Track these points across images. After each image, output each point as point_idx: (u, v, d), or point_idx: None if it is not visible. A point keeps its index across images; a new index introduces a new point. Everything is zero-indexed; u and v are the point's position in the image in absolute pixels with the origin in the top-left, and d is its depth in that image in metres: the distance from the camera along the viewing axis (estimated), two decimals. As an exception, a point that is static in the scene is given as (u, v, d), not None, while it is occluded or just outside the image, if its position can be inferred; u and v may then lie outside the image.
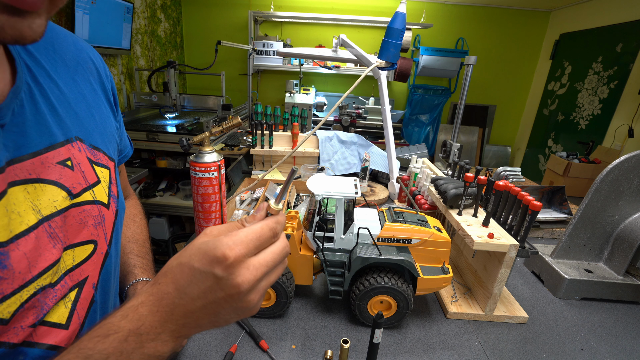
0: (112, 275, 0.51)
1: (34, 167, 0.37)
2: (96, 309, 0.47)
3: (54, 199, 0.39)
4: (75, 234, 0.42)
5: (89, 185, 0.44)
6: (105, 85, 0.54)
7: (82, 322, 0.44)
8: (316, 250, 0.71)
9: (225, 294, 0.33)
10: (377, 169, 1.47)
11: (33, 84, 0.40)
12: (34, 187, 0.37)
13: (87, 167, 0.45)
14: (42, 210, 0.38)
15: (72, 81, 0.46)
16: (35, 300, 0.36)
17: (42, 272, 0.37)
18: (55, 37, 0.46)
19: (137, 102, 2.86)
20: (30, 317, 0.36)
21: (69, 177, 0.41)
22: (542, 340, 0.71)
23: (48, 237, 0.38)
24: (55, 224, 0.39)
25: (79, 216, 0.43)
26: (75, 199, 0.42)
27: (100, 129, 0.50)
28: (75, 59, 0.48)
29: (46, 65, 0.43)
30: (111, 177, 0.50)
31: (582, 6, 3.29)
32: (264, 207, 0.40)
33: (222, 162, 0.74)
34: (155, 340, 0.34)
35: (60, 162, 0.41)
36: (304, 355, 0.63)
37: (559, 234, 1.16)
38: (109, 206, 0.48)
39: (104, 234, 0.47)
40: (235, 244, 0.33)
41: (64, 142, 0.42)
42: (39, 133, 0.39)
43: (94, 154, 0.47)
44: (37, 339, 0.38)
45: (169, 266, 0.35)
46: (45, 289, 0.37)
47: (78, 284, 0.43)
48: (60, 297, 0.40)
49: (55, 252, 0.39)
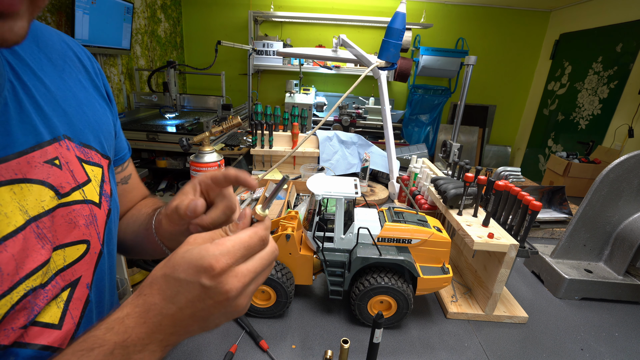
0: (106, 275, 0.50)
1: (19, 167, 0.37)
2: (92, 308, 0.46)
3: (42, 199, 0.39)
4: (65, 234, 0.41)
5: (78, 185, 0.44)
6: (96, 82, 0.52)
7: (77, 322, 0.43)
8: (316, 250, 0.71)
9: (214, 301, 0.33)
10: (377, 169, 1.47)
11: (16, 82, 0.39)
12: (21, 187, 0.37)
13: (76, 165, 0.44)
14: (29, 210, 0.37)
15: (59, 79, 0.45)
16: (25, 302, 0.36)
17: (30, 273, 0.36)
18: (39, 35, 0.45)
19: (137, 102, 2.86)
20: (21, 318, 0.36)
21: (57, 176, 0.41)
22: (542, 340, 0.71)
23: (36, 238, 0.37)
24: (43, 225, 0.38)
25: (68, 216, 0.42)
26: (63, 199, 0.41)
27: (93, 126, 0.48)
28: (61, 56, 0.47)
29: (30, 62, 0.42)
30: (104, 176, 0.49)
31: (582, 6, 3.29)
32: (248, 215, 0.39)
33: (222, 162, 0.74)
34: (142, 351, 0.33)
35: (48, 161, 0.40)
36: (304, 355, 0.63)
37: (559, 234, 1.16)
38: (101, 205, 0.47)
39: (96, 234, 0.46)
40: (222, 254, 0.33)
41: (51, 141, 0.41)
42: (24, 132, 0.38)
43: (84, 152, 0.46)
44: (29, 339, 0.37)
45: (153, 276, 0.35)
46: (36, 289, 0.37)
47: (70, 284, 0.42)
48: (51, 297, 0.40)
49: (44, 253, 0.38)
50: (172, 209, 0.45)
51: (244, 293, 0.35)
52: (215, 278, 0.32)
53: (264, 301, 0.70)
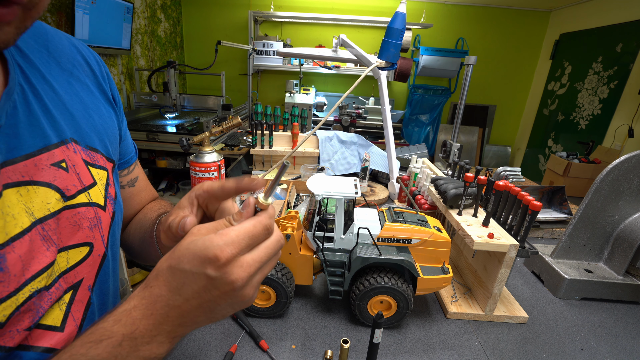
0: (110, 277, 0.51)
1: (27, 169, 0.37)
2: (94, 310, 0.47)
3: (47, 201, 0.39)
4: (69, 236, 0.42)
5: (84, 187, 0.44)
6: (103, 86, 0.53)
7: (79, 325, 0.44)
8: (316, 250, 0.71)
9: (220, 292, 0.33)
10: (377, 169, 1.47)
11: (26, 85, 0.39)
12: (27, 189, 0.37)
13: (83, 168, 0.44)
14: (35, 212, 0.37)
15: (67, 83, 0.46)
16: (31, 303, 0.36)
17: (36, 274, 0.36)
18: (49, 40, 0.46)
19: (137, 102, 2.86)
20: (26, 320, 0.36)
21: (63, 178, 0.41)
22: (542, 340, 0.71)
23: (42, 240, 0.38)
24: (48, 227, 0.39)
25: (73, 218, 0.42)
26: (69, 201, 0.41)
27: (99, 130, 0.49)
28: (70, 60, 0.48)
29: (40, 66, 0.42)
30: (109, 179, 0.49)
31: (582, 6, 3.29)
32: (252, 203, 0.38)
33: (222, 162, 0.74)
34: (150, 343, 0.33)
35: (55, 163, 0.40)
36: (304, 355, 0.63)
37: (559, 234, 1.16)
38: (106, 208, 0.48)
39: (100, 236, 0.46)
40: (226, 244, 0.32)
41: (59, 144, 0.41)
42: (32, 135, 0.38)
43: (90, 155, 0.46)
44: (33, 342, 0.38)
45: (159, 268, 0.35)
46: (41, 291, 0.37)
47: (72, 286, 0.42)
48: (54, 299, 0.40)
49: (49, 255, 0.38)
50: (167, 225, 0.45)
51: (250, 283, 0.34)
52: (221, 269, 0.32)
53: (264, 301, 0.70)
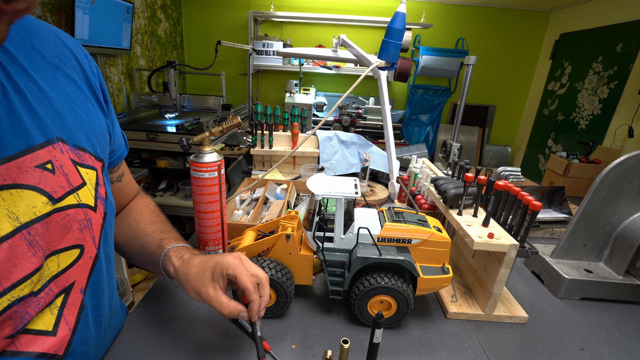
0: (104, 278, 0.50)
1: (9, 172, 0.35)
2: (87, 312, 0.46)
3: (33, 204, 0.37)
4: (59, 240, 0.41)
5: (72, 189, 0.43)
6: (91, 82, 0.50)
7: (72, 328, 0.43)
8: (316, 250, 0.71)
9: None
10: (377, 169, 1.47)
11: (7, 82, 0.37)
12: (10, 193, 0.35)
13: (71, 169, 0.43)
14: (20, 217, 0.36)
15: (52, 78, 0.43)
16: (11, 312, 0.35)
17: (17, 282, 0.35)
18: (33, 32, 0.43)
19: (137, 102, 2.86)
20: (6, 329, 0.35)
21: (49, 181, 0.40)
22: (542, 340, 0.71)
23: (27, 245, 0.36)
24: (35, 231, 0.37)
25: (63, 221, 0.41)
26: (57, 204, 0.40)
27: (86, 128, 0.47)
28: (56, 54, 0.45)
29: (24, 62, 0.40)
30: (98, 179, 0.48)
31: (582, 6, 3.29)
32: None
33: (222, 162, 0.73)
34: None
35: (39, 165, 0.39)
36: (304, 355, 0.63)
37: (559, 234, 1.16)
38: (96, 209, 0.47)
39: (91, 238, 0.45)
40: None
41: (44, 144, 0.40)
42: (15, 135, 0.36)
43: (78, 154, 0.45)
44: (22, 347, 0.37)
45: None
46: (25, 298, 0.36)
47: (64, 290, 0.42)
48: (45, 304, 0.39)
49: (35, 261, 0.37)
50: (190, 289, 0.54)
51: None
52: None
53: (264, 301, 0.70)
